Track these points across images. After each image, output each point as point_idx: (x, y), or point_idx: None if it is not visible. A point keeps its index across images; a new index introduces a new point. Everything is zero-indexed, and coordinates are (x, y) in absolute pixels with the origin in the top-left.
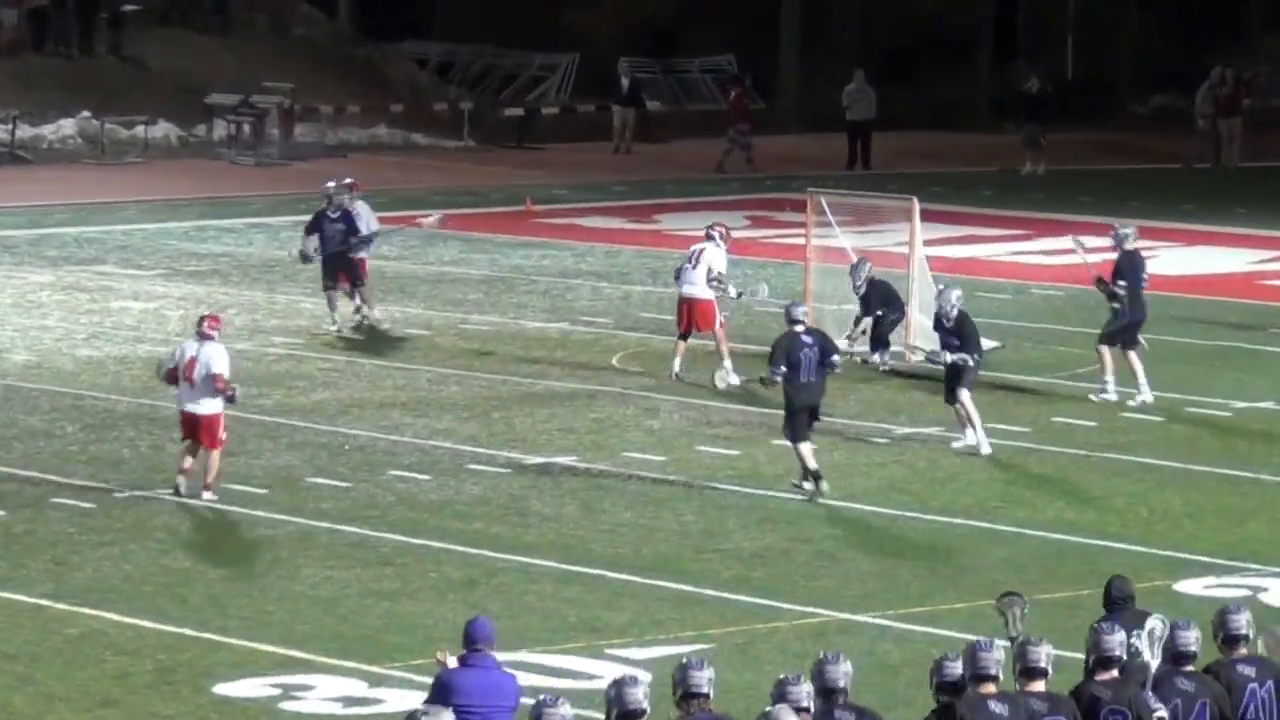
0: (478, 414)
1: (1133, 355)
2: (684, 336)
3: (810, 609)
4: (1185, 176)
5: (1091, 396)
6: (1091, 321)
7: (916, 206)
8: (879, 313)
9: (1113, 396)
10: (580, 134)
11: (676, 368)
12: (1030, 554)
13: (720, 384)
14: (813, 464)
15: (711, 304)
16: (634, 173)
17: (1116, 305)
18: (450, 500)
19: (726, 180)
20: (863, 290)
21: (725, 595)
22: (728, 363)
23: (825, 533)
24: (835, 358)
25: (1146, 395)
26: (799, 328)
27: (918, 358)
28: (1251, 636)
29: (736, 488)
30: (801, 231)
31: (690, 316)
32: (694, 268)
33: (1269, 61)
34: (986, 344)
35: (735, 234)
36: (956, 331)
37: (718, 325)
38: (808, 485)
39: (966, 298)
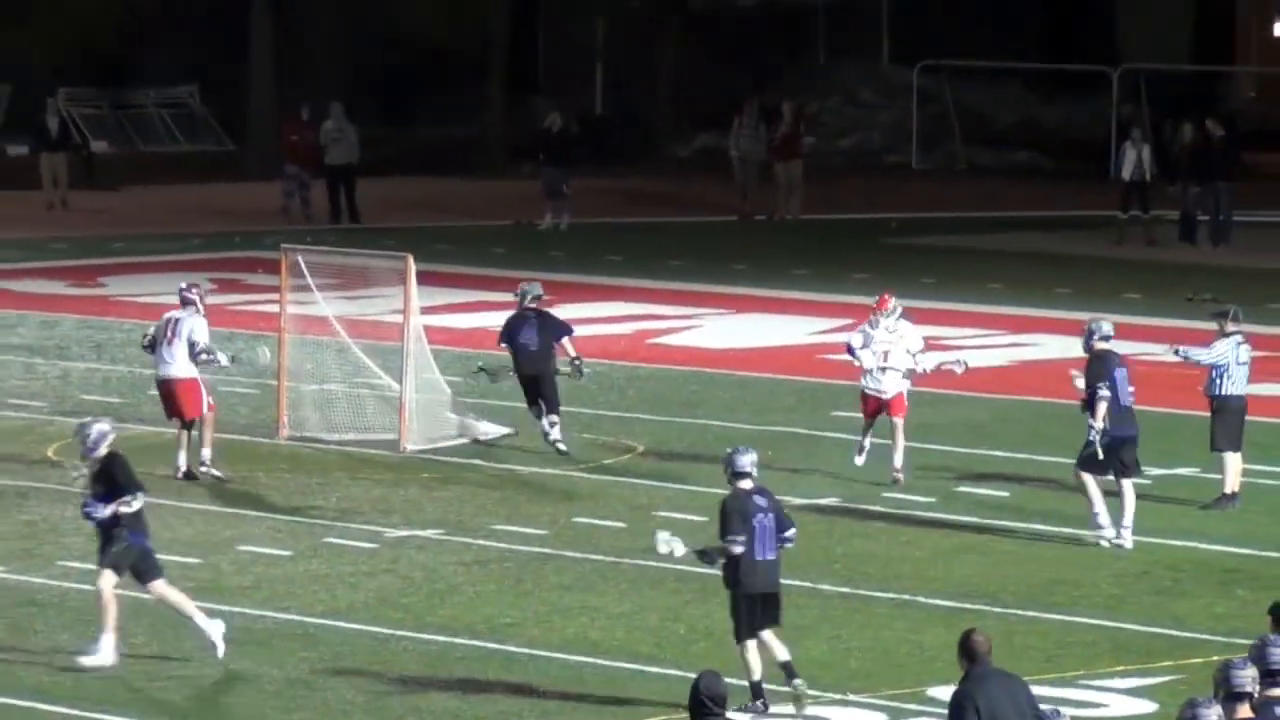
0: None
1: (1127, 485)
2: (186, 426)
3: None
4: (736, 231)
5: (1090, 541)
6: (628, 402)
7: (412, 266)
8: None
9: (1111, 533)
10: (9, 180)
11: (182, 464)
12: (547, 680)
13: (211, 469)
14: (756, 676)
15: (196, 384)
16: (76, 227)
17: (1094, 426)
18: None
19: (185, 236)
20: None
21: None
22: (208, 452)
23: (301, 656)
24: (791, 531)
25: (1127, 539)
26: (746, 484)
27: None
28: None
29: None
30: (276, 297)
31: (174, 402)
32: (170, 343)
33: (838, 94)
34: (495, 430)
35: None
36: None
37: (205, 408)
38: (758, 704)
39: (473, 375)
